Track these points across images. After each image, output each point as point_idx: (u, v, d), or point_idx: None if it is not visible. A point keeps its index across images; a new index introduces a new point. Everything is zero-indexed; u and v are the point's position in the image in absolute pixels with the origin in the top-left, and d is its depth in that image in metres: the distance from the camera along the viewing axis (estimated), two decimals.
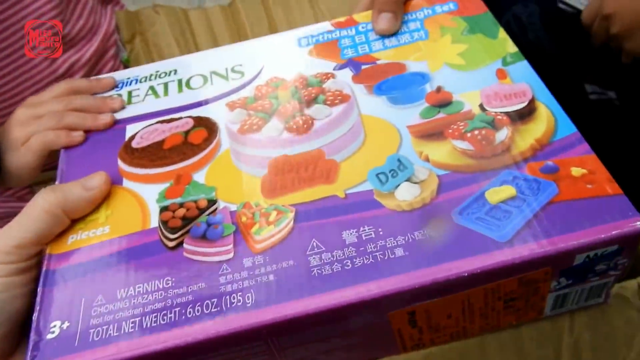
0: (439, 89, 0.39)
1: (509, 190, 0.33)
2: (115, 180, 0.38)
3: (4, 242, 0.32)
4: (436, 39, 0.43)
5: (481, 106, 0.38)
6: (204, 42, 0.55)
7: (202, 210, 0.35)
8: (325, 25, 0.46)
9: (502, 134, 0.36)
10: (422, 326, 0.33)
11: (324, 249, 0.32)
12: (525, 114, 0.37)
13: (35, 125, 0.43)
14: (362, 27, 0.46)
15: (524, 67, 0.40)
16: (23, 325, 0.33)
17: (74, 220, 0.36)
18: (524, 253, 0.30)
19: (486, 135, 0.36)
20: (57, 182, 0.39)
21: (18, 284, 0.33)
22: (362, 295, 0.30)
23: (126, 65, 0.60)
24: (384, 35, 0.45)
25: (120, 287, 0.32)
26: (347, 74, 0.42)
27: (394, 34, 0.44)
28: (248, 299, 0.30)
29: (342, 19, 0.47)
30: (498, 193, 0.33)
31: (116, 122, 0.43)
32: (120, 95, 0.45)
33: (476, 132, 0.36)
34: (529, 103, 0.37)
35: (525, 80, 0.39)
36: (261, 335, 0.30)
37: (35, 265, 0.34)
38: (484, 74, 0.40)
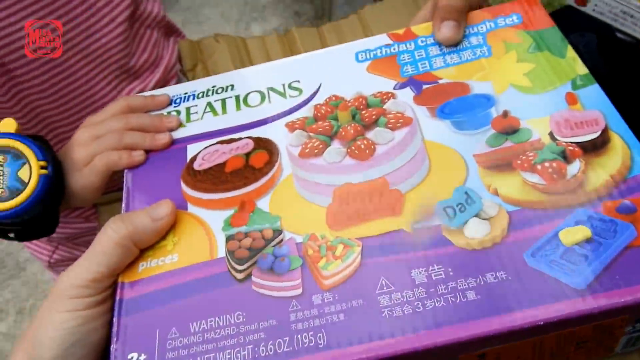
0: (505, 114, 0.38)
1: (584, 232, 0.32)
2: (179, 205, 0.39)
3: (80, 277, 0.33)
4: (500, 56, 0.42)
5: (551, 135, 0.37)
6: None
7: (268, 241, 0.36)
8: (383, 39, 0.45)
9: (575, 168, 0.35)
10: None
11: (393, 288, 0.32)
12: (598, 145, 0.35)
13: (96, 145, 0.43)
14: (422, 41, 0.44)
15: (595, 92, 0.38)
16: (103, 354, 0.34)
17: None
18: (602, 303, 0.29)
19: (557, 168, 0.35)
20: (123, 203, 0.40)
21: (96, 315, 0.34)
22: (434, 341, 0.30)
23: None
24: (445, 48, 0.43)
25: (193, 320, 0.33)
26: (408, 93, 0.41)
27: (456, 48, 0.43)
28: (320, 340, 0.31)
29: (400, 31, 0.45)
30: (573, 234, 0.32)
31: (175, 142, 0.43)
32: (178, 112, 0.44)
33: (546, 164, 0.35)
34: (602, 133, 0.36)
35: (597, 106, 0.37)
36: None
37: (110, 296, 0.35)
38: (552, 98, 0.38)
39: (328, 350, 0.30)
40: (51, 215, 0.43)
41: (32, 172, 0.40)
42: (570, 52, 0.41)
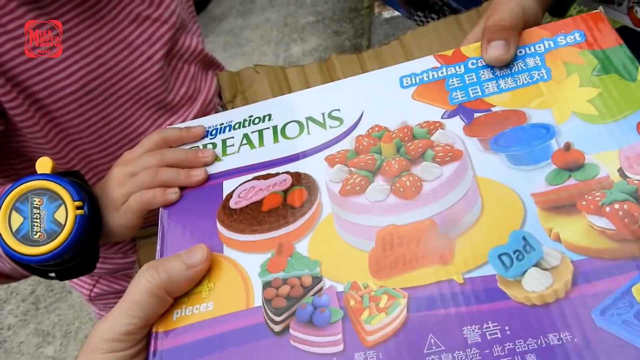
0: (567, 147, 0.35)
1: None
2: (215, 247, 0.37)
3: (113, 330, 0.32)
4: (560, 80, 0.38)
5: (620, 171, 0.33)
6: None
7: (307, 289, 0.34)
8: (430, 61, 0.42)
9: None
10: None
11: (443, 348, 0.29)
12: None
13: (132, 183, 0.42)
14: (473, 64, 0.41)
15: None
16: None
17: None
18: None
19: (629, 211, 0.31)
20: (158, 244, 0.39)
21: None
22: None
23: None
24: (498, 71, 0.40)
25: None
26: (457, 123, 0.38)
27: (511, 72, 0.40)
28: None
29: (448, 53, 0.42)
30: None
31: (211, 177, 0.41)
32: (214, 144, 0.43)
33: (616, 205, 0.31)
34: None
35: None
36: None
37: (145, 348, 0.34)
38: (622, 128, 0.34)
39: None
40: (91, 252, 0.43)
41: (68, 213, 0.40)
42: None
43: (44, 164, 0.42)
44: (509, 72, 0.40)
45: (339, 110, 0.42)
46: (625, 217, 0.31)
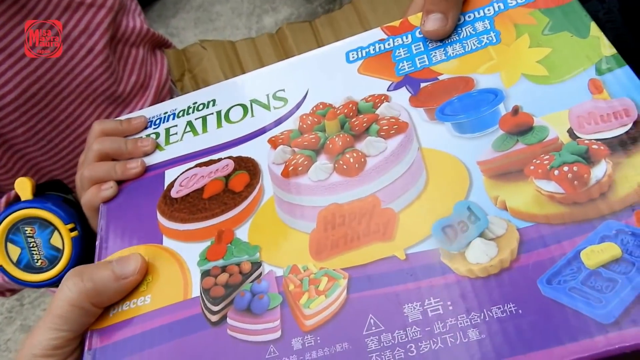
0: (516, 111, 0.33)
1: (612, 250, 0.27)
2: (155, 238, 0.36)
3: (41, 346, 0.31)
4: (510, 43, 0.37)
5: (570, 132, 0.31)
6: None
7: (245, 276, 0.32)
8: (377, 33, 0.41)
9: (600, 171, 0.29)
10: None
11: (383, 328, 0.28)
12: (628, 142, 0.30)
13: (79, 185, 0.42)
14: (420, 33, 0.40)
15: (624, 76, 0.32)
16: None
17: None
18: (635, 341, 0.24)
19: (579, 172, 0.30)
20: (97, 240, 0.38)
21: None
22: None
23: None
24: (446, 38, 0.38)
25: None
26: (403, 94, 0.37)
27: (458, 37, 0.38)
28: None
29: (395, 23, 0.41)
30: (598, 254, 0.27)
31: (152, 168, 0.40)
32: (157, 134, 0.42)
33: (565, 168, 0.30)
34: (634, 126, 0.30)
35: (627, 93, 0.32)
36: None
37: (80, 356, 0.32)
38: (572, 87, 0.33)
39: None
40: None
41: (63, 237, 0.41)
42: (594, 30, 0.35)
43: (23, 187, 0.42)
44: (457, 38, 0.38)
45: (283, 90, 0.41)
46: (574, 179, 0.29)
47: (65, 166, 0.56)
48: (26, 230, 0.41)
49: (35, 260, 0.42)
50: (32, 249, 0.42)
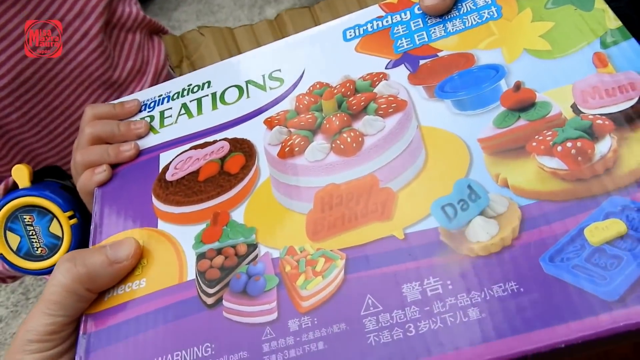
0: (517, 86, 0.33)
1: (616, 226, 0.26)
2: (150, 222, 0.36)
3: (37, 331, 0.30)
4: (512, 17, 0.36)
5: (574, 107, 0.31)
6: None
7: (241, 258, 0.32)
8: (374, 10, 0.40)
9: (604, 146, 0.29)
10: None
11: (381, 308, 0.27)
12: (634, 117, 0.29)
13: (73, 171, 0.41)
14: (419, 9, 0.39)
15: (630, 49, 0.31)
16: None
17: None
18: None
19: (582, 148, 0.29)
20: (92, 225, 0.37)
21: None
22: None
23: None
24: (446, 14, 0.37)
25: (158, 355, 0.30)
26: (402, 72, 0.36)
27: (458, 13, 0.37)
28: None
29: (394, 0, 0.40)
30: (602, 231, 0.26)
31: (146, 151, 0.40)
32: (152, 117, 0.41)
33: (569, 144, 0.29)
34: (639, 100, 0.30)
35: (633, 67, 0.31)
36: None
37: (74, 343, 0.32)
38: (576, 62, 0.32)
39: None
40: None
41: (62, 225, 0.41)
42: (599, 2, 0.34)
43: (20, 174, 0.42)
44: (457, 13, 0.37)
45: (279, 70, 0.40)
46: (578, 155, 0.29)
47: (60, 153, 0.56)
48: (25, 218, 0.41)
49: (35, 248, 0.41)
50: (32, 237, 0.41)
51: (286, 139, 0.36)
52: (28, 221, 0.41)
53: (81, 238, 0.42)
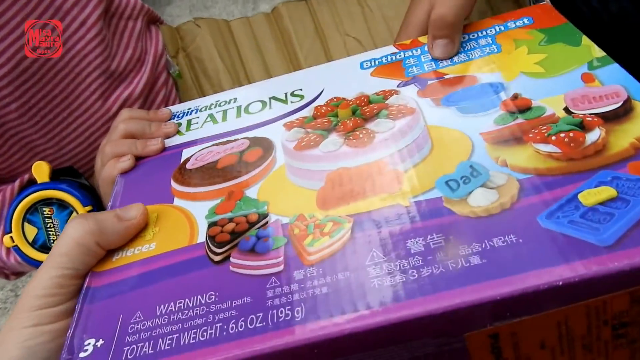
0: (515, 96, 0.36)
1: (607, 192, 0.28)
2: (166, 200, 0.37)
3: (42, 285, 0.31)
4: (510, 52, 0.41)
5: (566, 109, 0.34)
6: (248, 52, 0.54)
7: (252, 224, 0.33)
8: (389, 49, 0.45)
9: (594, 135, 0.32)
10: (507, 358, 0.28)
11: (385, 258, 0.28)
12: (620, 114, 0.32)
13: (100, 164, 0.44)
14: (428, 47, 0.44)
15: (614, 70, 0.36)
16: None
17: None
18: (635, 259, 0.25)
19: (575, 137, 0.32)
20: (109, 205, 0.39)
21: (66, 329, 0.30)
22: (430, 308, 0.25)
23: (176, 81, 0.59)
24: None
25: (160, 303, 0.30)
26: (412, 89, 0.40)
27: (462, 49, 0.42)
28: (297, 314, 0.27)
29: (406, 42, 0.46)
30: (594, 195, 0.28)
31: (170, 148, 0.42)
32: (180, 123, 0.45)
33: (562, 134, 0.32)
34: (624, 103, 0.33)
35: (617, 82, 0.35)
36: (311, 357, 0.26)
37: None
38: (567, 79, 0.36)
39: (305, 323, 0.26)
40: None
41: None
42: (586, 40, 0.39)
43: (40, 170, 0.43)
44: (462, 50, 0.43)
45: (301, 89, 0.44)
46: (570, 142, 0.32)
47: (59, 144, 0.54)
48: (44, 210, 0.42)
49: (52, 241, 0.42)
50: (49, 229, 0.42)
51: (302, 136, 0.39)
52: (47, 214, 0.42)
53: None
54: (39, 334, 0.30)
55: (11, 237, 0.42)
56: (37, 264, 0.43)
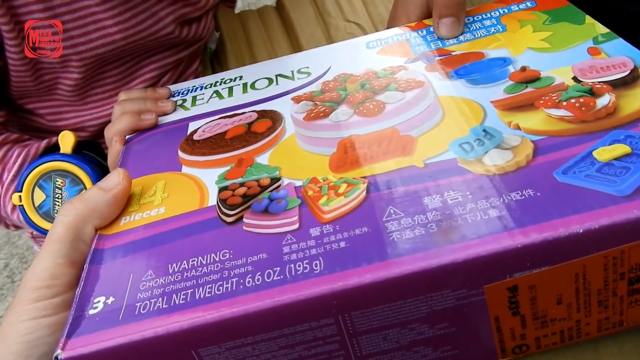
0: (524, 68, 0.37)
1: (622, 148, 0.28)
2: (173, 168, 0.37)
3: (39, 277, 0.30)
4: (515, 30, 0.41)
5: (575, 78, 0.35)
6: (255, 39, 0.55)
7: (264, 188, 0.33)
8: (395, 30, 0.46)
9: (604, 100, 0.32)
10: (525, 314, 0.27)
11: (402, 214, 0.28)
12: (629, 81, 0.33)
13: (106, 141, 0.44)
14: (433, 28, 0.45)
15: (620, 44, 0.37)
16: None
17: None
18: None
19: (585, 102, 0.32)
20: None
21: (65, 320, 0.29)
22: (449, 259, 0.25)
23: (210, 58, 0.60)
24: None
25: (172, 262, 0.30)
26: (420, 65, 0.41)
27: (468, 29, 0.43)
28: (316, 267, 0.27)
29: (412, 24, 0.46)
30: (609, 152, 0.28)
31: (176, 122, 0.42)
32: (184, 99, 0.45)
33: (573, 100, 0.33)
34: (632, 72, 0.34)
35: (623, 54, 0.35)
36: (331, 308, 0.26)
37: None
38: (573, 53, 0.37)
39: (324, 275, 0.26)
40: None
41: None
42: (589, 19, 0.40)
43: (66, 140, 0.43)
44: (467, 29, 0.43)
45: (307, 67, 0.44)
46: (582, 106, 0.32)
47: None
48: (57, 181, 0.42)
49: (55, 211, 0.42)
50: (56, 199, 0.42)
51: (312, 108, 0.39)
52: (59, 184, 0.42)
53: None
54: (38, 328, 0.29)
55: (19, 197, 0.42)
56: (36, 227, 0.43)
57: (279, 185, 0.33)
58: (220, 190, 0.34)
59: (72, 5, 0.48)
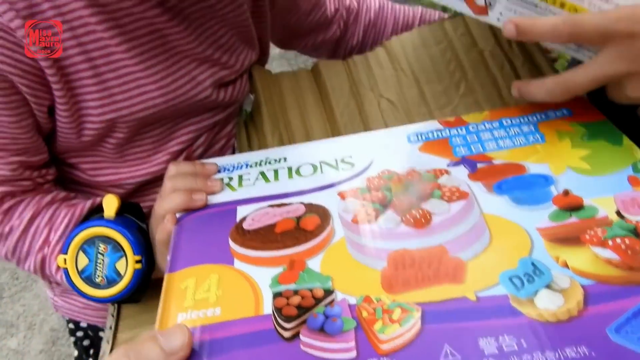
0: (566, 192, 0.36)
1: None
2: (226, 260, 0.35)
3: None
4: (555, 143, 0.40)
5: (618, 213, 0.34)
6: (289, 103, 0.54)
7: (318, 300, 0.32)
8: (434, 124, 0.45)
9: None
10: None
11: (459, 357, 0.27)
12: None
13: (154, 217, 0.43)
14: (472, 128, 0.43)
15: None
16: None
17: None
18: None
19: (631, 244, 0.31)
20: (169, 255, 0.37)
21: None
22: None
23: (245, 120, 0.58)
24: (496, 133, 0.42)
25: None
26: (462, 170, 0.39)
27: (507, 134, 0.42)
28: None
29: (450, 119, 0.45)
30: None
31: (224, 204, 0.40)
32: (230, 178, 0.43)
33: (618, 240, 0.32)
34: None
35: None
36: None
37: None
38: (614, 180, 0.36)
39: None
40: (143, 291, 0.43)
41: (128, 266, 0.41)
42: (627, 140, 0.39)
43: (110, 203, 0.42)
44: (506, 134, 0.42)
45: (350, 156, 0.43)
46: (627, 249, 0.31)
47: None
48: (100, 246, 0.41)
49: (97, 276, 0.41)
50: (98, 265, 0.41)
51: (359, 208, 0.37)
52: (102, 250, 0.41)
53: (139, 284, 0.42)
54: None
55: (64, 260, 0.41)
56: (78, 291, 0.41)
57: (333, 300, 0.31)
58: (275, 295, 0.32)
59: (118, 71, 0.46)
